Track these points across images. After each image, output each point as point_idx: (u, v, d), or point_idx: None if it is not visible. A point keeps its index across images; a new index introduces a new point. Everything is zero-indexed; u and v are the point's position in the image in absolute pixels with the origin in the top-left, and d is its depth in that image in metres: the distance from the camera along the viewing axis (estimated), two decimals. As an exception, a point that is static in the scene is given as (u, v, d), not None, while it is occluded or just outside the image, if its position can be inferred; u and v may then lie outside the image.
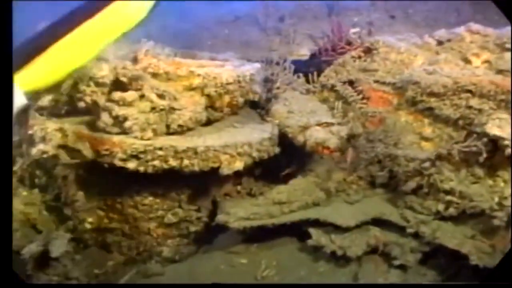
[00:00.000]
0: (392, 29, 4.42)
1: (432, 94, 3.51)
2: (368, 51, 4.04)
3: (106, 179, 3.17)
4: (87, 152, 2.83)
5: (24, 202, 3.17)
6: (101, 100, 2.87)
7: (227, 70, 3.19)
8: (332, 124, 3.38)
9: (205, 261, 3.41)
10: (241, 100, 3.31)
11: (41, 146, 2.76)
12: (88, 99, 2.87)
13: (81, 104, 2.89)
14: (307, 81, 3.95)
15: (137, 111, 2.87)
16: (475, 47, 3.70)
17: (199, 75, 3.07)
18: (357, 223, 3.41)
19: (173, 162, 2.87)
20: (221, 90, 3.16)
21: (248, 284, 3.06)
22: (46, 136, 2.77)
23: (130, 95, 2.88)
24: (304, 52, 4.29)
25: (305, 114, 3.50)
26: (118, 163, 2.85)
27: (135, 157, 2.84)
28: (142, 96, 2.90)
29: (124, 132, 2.89)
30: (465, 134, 3.40)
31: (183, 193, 3.34)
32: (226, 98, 3.21)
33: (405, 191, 3.47)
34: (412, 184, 3.43)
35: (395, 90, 3.84)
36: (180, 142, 2.92)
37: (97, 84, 2.84)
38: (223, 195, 3.52)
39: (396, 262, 3.39)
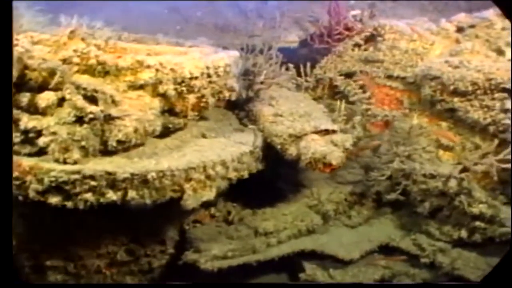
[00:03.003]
0: (395, 14, 3.37)
1: (456, 92, 2.53)
2: (371, 38, 3.01)
3: (34, 208, 2.07)
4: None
5: None
6: None
7: (192, 59, 2.08)
8: (334, 131, 2.34)
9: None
10: (212, 100, 2.21)
11: None
12: (-22, 105, 1.74)
13: (-32, 114, 1.75)
14: (298, 74, 2.91)
15: (55, 122, 1.76)
16: (508, 34, 2.71)
17: (149, 66, 1.95)
18: (362, 254, 2.48)
19: (112, 195, 1.80)
20: (183, 88, 2.05)
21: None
22: None
23: (45, 98, 1.77)
24: (292, 38, 3.20)
25: (298, 118, 2.46)
26: (34, 196, 1.78)
27: (57, 188, 1.76)
28: (62, 100, 1.79)
29: (39, 152, 1.79)
30: (496, 144, 2.45)
31: (139, 224, 2.28)
32: (191, 99, 2.10)
33: (420, 213, 2.54)
34: (428, 205, 2.50)
35: (406, 86, 2.86)
36: (122, 165, 1.83)
37: (-10, 82, 1.72)
38: (193, 222, 2.49)
39: (406, 295, 2.52)
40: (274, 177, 2.73)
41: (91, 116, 1.78)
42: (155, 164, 1.88)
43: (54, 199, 1.79)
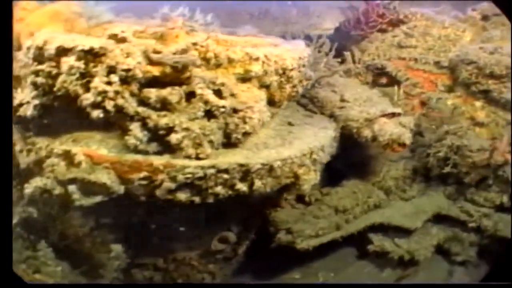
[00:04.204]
0: (413, 3, 3.57)
1: (491, 75, 2.81)
2: (399, 24, 3.20)
3: (129, 204, 1.98)
4: (114, 185, 1.64)
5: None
6: (131, 105, 1.64)
7: (288, 50, 2.10)
8: (399, 114, 2.52)
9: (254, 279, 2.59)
10: (300, 89, 2.26)
11: (37, 181, 1.52)
12: (109, 104, 1.61)
13: (96, 114, 1.61)
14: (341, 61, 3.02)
15: (186, 118, 1.71)
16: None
17: (257, 58, 1.94)
18: (422, 223, 2.72)
19: (242, 187, 1.80)
20: (282, 78, 2.08)
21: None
22: (44, 164, 1.53)
23: (174, 93, 1.69)
24: (328, 25, 3.27)
25: (363, 103, 2.58)
26: (163, 195, 1.71)
27: (189, 185, 1.72)
28: (190, 94, 1.73)
29: (169, 149, 1.73)
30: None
31: (234, 213, 2.28)
32: (287, 89, 2.14)
33: (466, 184, 2.82)
34: (476, 176, 2.78)
35: (440, 70, 3.10)
36: (249, 156, 1.84)
37: (125, 79, 1.60)
38: (272, 206, 2.55)
39: (458, 259, 2.81)
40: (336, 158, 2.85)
41: (222, 110, 1.75)
42: (276, 153, 1.90)
43: (183, 196, 1.75)
